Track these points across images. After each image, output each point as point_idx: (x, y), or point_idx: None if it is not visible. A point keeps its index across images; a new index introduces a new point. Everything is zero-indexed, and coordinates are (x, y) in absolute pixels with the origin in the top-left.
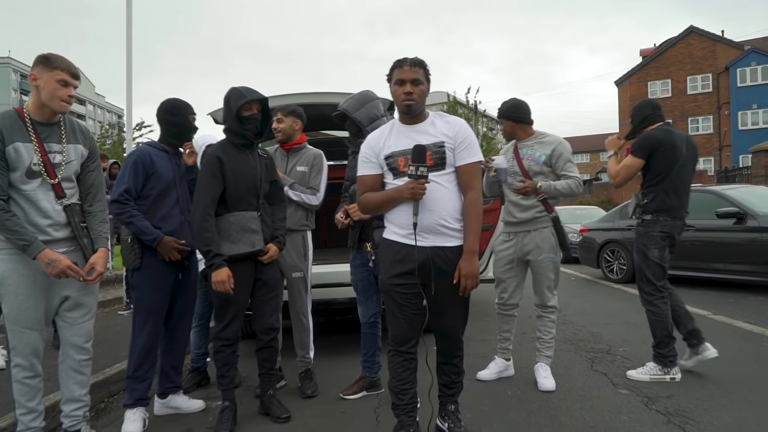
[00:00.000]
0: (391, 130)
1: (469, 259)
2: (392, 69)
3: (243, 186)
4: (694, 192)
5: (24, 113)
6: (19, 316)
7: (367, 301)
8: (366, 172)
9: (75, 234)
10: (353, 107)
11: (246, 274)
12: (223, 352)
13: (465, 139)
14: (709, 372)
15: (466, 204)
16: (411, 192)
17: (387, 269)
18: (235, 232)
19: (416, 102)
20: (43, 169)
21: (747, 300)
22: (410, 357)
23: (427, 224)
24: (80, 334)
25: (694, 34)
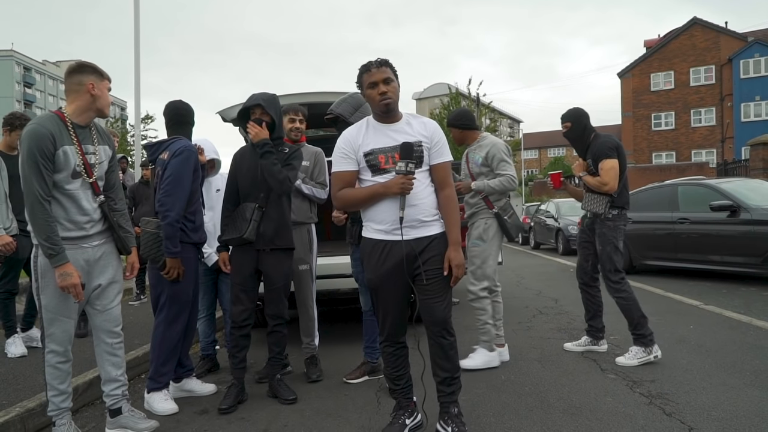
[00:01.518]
0: (367, 128)
1: (456, 249)
2: (360, 75)
3: (247, 181)
4: (689, 185)
5: (65, 117)
6: (59, 306)
7: (367, 291)
8: (343, 168)
9: (111, 228)
10: (348, 111)
11: (245, 261)
12: (233, 334)
13: (439, 140)
14: (694, 359)
15: (444, 200)
16: (401, 187)
17: (373, 267)
18: (239, 221)
19: (393, 99)
20: (84, 169)
21: (739, 291)
22: (401, 346)
23: (410, 218)
24: (110, 319)
25: (698, 26)
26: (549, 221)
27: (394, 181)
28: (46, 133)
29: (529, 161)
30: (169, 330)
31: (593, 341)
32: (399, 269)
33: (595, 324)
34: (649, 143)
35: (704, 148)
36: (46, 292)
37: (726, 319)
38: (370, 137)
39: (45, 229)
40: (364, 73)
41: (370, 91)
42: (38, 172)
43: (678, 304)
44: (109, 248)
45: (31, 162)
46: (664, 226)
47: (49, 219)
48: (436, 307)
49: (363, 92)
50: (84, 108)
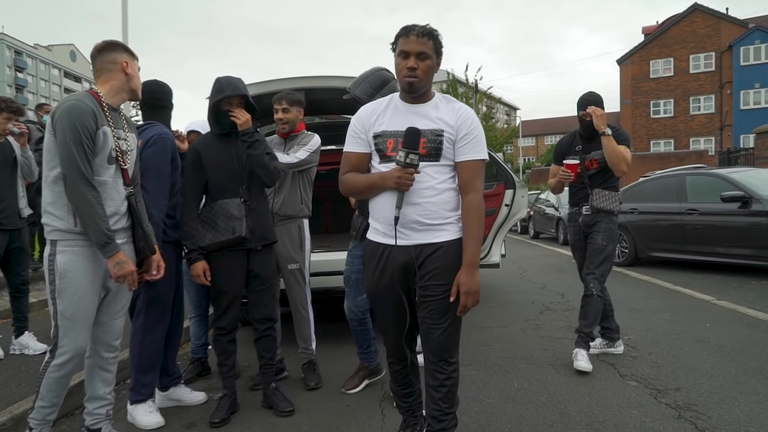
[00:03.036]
0: (387, 106)
1: (470, 272)
2: (397, 37)
3: (224, 175)
4: (698, 175)
5: (100, 97)
6: (78, 312)
7: (356, 297)
8: (352, 148)
9: (135, 223)
10: (366, 93)
11: (236, 263)
12: (219, 340)
13: (470, 132)
14: (718, 362)
15: (466, 207)
16: (396, 181)
17: (371, 276)
18: (220, 220)
19: (420, 79)
20: (119, 154)
21: (750, 284)
22: (410, 363)
23: (408, 220)
24: (112, 331)
25: (698, 12)
26: (549, 210)
27: (391, 173)
28: (88, 110)
29: (527, 149)
30: (148, 337)
31: (609, 343)
32: (398, 279)
33: (609, 325)
34: (648, 131)
35: (703, 135)
36: (64, 295)
37: (742, 316)
38: (386, 117)
39: (98, 213)
40: (402, 36)
41: (399, 59)
42: (83, 150)
43: (689, 299)
44: (128, 249)
45: (75, 139)
46: (672, 217)
47: (101, 202)
48: (433, 331)
49: (394, 58)
50: (118, 88)
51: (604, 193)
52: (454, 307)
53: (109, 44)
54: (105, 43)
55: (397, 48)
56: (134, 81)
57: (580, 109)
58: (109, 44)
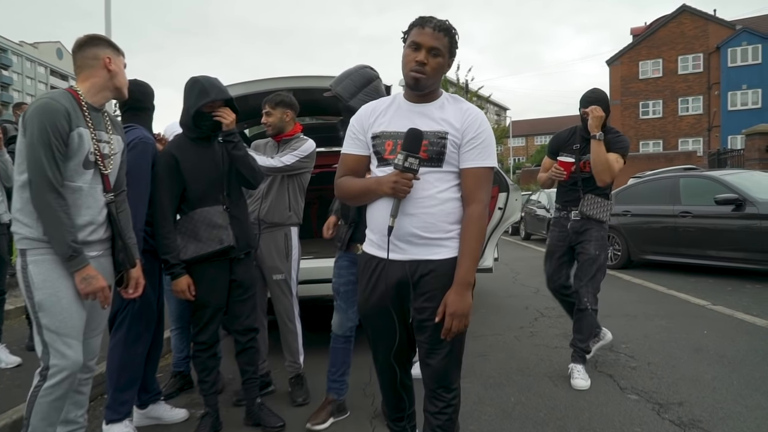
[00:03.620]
0: (389, 105)
1: (460, 292)
2: (411, 26)
3: (204, 181)
4: (691, 177)
5: (79, 95)
6: (64, 324)
7: (347, 310)
8: (350, 150)
9: (114, 236)
10: (349, 91)
11: (220, 274)
12: (200, 356)
13: (477, 136)
14: (719, 373)
15: (466, 219)
16: (391, 187)
17: (362, 290)
18: (202, 230)
19: (427, 77)
20: (97, 159)
21: (745, 288)
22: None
23: (403, 232)
24: (87, 351)
25: (686, 13)
26: (540, 212)
27: (387, 178)
28: (61, 110)
29: (517, 149)
30: (128, 352)
31: (595, 339)
32: (390, 298)
33: None
34: (637, 131)
35: (691, 136)
36: (45, 308)
37: (739, 322)
38: (387, 116)
39: (63, 223)
40: (417, 26)
41: (408, 51)
42: (51, 154)
43: (684, 304)
44: (105, 262)
45: (43, 141)
46: (665, 220)
47: (67, 211)
48: (432, 356)
49: (403, 48)
50: (100, 86)
51: (597, 200)
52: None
53: (91, 38)
54: (87, 38)
55: (409, 38)
56: (118, 78)
57: (581, 107)
58: (91, 38)
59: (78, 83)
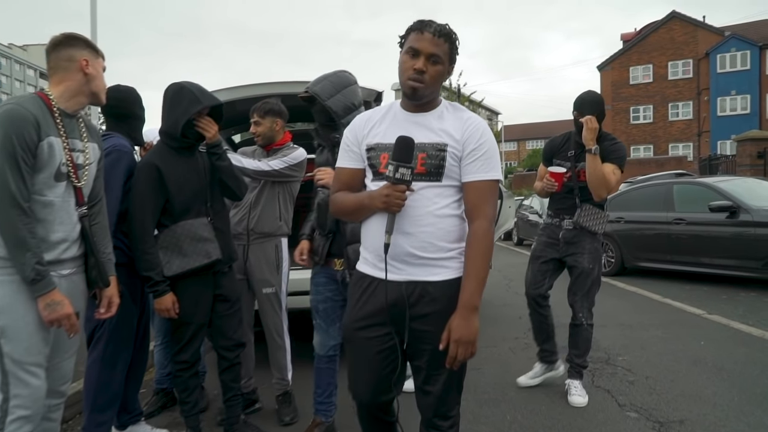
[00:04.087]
0: (384, 115)
1: (466, 316)
2: (409, 31)
3: (189, 193)
4: (684, 184)
5: (50, 101)
6: (28, 352)
7: (329, 328)
8: (344, 163)
9: (90, 251)
10: (327, 92)
11: (204, 290)
12: (181, 376)
13: (479, 147)
14: (719, 388)
15: (471, 236)
16: (384, 201)
17: (350, 310)
18: (186, 244)
19: (426, 86)
20: (70, 170)
21: (739, 296)
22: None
23: (400, 251)
24: (58, 375)
25: (676, 19)
26: (532, 217)
27: (378, 192)
28: (29, 117)
29: (509, 153)
30: (106, 371)
31: (548, 366)
32: (379, 317)
33: (549, 347)
34: (628, 136)
35: (681, 141)
36: (8, 335)
37: (736, 332)
38: (382, 127)
39: (27, 243)
40: (415, 31)
41: (405, 57)
42: (15, 166)
43: (679, 312)
44: (78, 280)
45: (6, 152)
46: (659, 227)
47: (32, 229)
48: (429, 383)
49: (400, 54)
50: (75, 90)
51: (594, 211)
52: None
53: (68, 38)
54: (63, 37)
55: (407, 43)
56: (95, 82)
57: (575, 109)
58: (67, 38)
59: (50, 86)
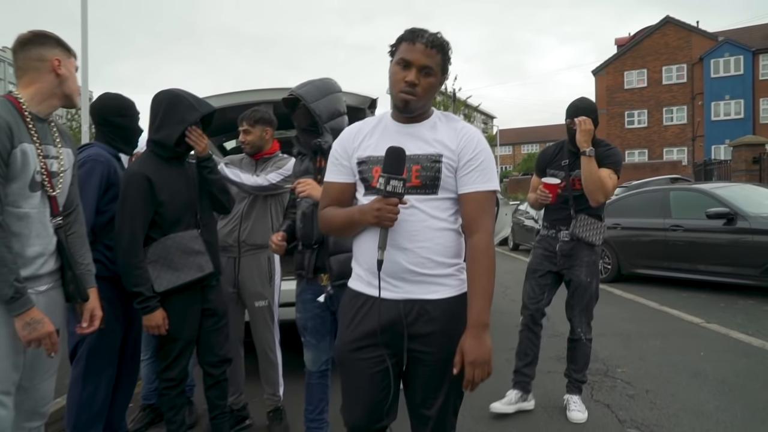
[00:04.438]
0: (375, 126)
1: (477, 335)
2: (400, 40)
3: (179, 205)
4: (681, 190)
5: (21, 104)
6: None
7: (319, 344)
8: (333, 177)
9: (67, 264)
10: (312, 95)
11: (192, 304)
12: (167, 394)
13: (475, 157)
14: (721, 402)
15: (471, 251)
16: (375, 216)
17: (343, 331)
18: (177, 257)
19: (418, 98)
20: (45, 179)
21: (737, 304)
22: None
23: (397, 268)
24: (37, 397)
25: (670, 24)
26: (528, 222)
27: (369, 206)
28: (1, 123)
29: (504, 157)
30: (88, 389)
31: (523, 395)
32: (373, 338)
33: (529, 372)
34: (623, 141)
35: (676, 146)
36: None
37: (736, 342)
38: (373, 138)
39: (4, 258)
40: (406, 41)
41: (397, 68)
42: None
43: (677, 321)
44: (56, 295)
45: None
46: (656, 233)
47: (9, 244)
48: (426, 407)
49: (390, 65)
50: (47, 92)
51: (590, 221)
52: (452, 379)
53: (37, 36)
54: (32, 35)
55: (398, 54)
56: (69, 84)
57: (568, 117)
58: (36, 36)
59: (19, 89)
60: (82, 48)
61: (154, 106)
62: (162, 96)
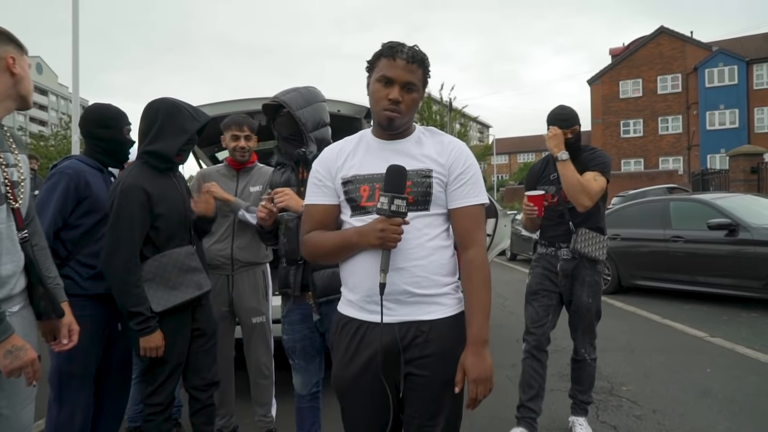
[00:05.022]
0: (357, 144)
1: (477, 352)
2: (378, 56)
3: (176, 219)
4: (682, 200)
5: None
6: None
7: (308, 366)
8: (316, 200)
9: (38, 280)
10: (297, 102)
11: (183, 325)
12: (153, 420)
13: (465, 171)
14: (732, 423)
15: (467, 267)
16: (380, 237)
17: (340, 361)
18: (174, 275)
19: (402, 115)
20: (8, 190)
21: (740, 318)
22: None
23: (393, 289)
24: (17, 426)
25: (665, 34)
26: (525, 232)
27: (371, 227)
28: None
29: (500, 166)
30: (64, 413)
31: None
32: (373, 364)
33: (535, 407)
34: (619, 150)
35: (671, 155)
36: None
37: (742, 358)
38: (357, 158)
39: None
40: (386, 57)
41: (378, 86)
42: None
43: (681, 335)
44: (27, 314)
45: None
46: (656, 244)
47: None
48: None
49: (368, 80)
50: (1, 94)
51: (591, 235)
52: (452, 401)
53: None
54: None
55: (377, 70)
56: (24, 84)
57: (549, 124)
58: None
59: None
60: (73, 56)
61: (149, 115)
62: (158, 105)
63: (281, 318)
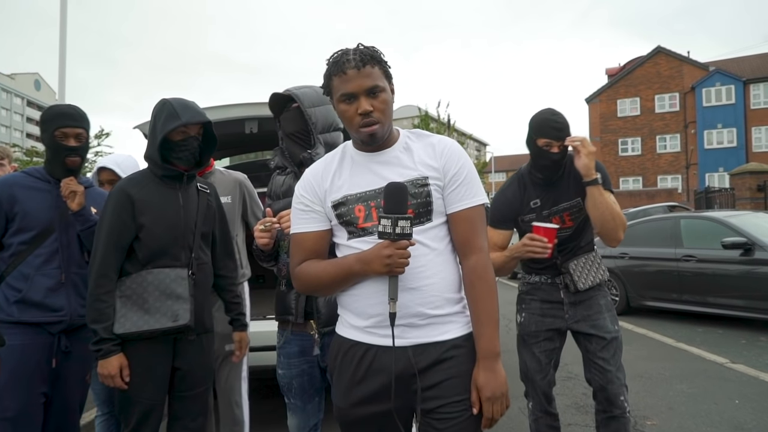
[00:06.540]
0: (341, 162)
1: (490, 367)
2: (328, 76)
3: (166, 233)
4: (692, 218)
5: None
6: None
7: (306, 407)
8: (305, 227)
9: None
10: (310, 99)
11: (161, 359)
12: None
13: (460, 170)
14: None
15: (470, 275)
16: (386, 264)
17: (345, 388)
18: (153, 297)
19: (381, 123)
20: None
21: (760, 341)
22: None
23: (406, 312)
24: None
25: (662, 54)
26: None
27: (375, 253)
28: None
29: (499, 184)
30: None
31: None
32: (385, 394)
33: None
34: (617, 168)
35: (670, 173)
36: None
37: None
38: (344, 176)
39: None
40: (336, 75)
41: (343, 106)
42: None
43: (699, 361)
44: None
45: None
46: (666, 264)
47: None
48: None
49: (333, 104)
50: None
51: (587, 261)
52: (476, 426)
53: None
54: None
55: (335, 91)
56: None
57: (538, 136)
58: None
59: None
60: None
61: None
62: (155, 106)
63: (277, 350)
